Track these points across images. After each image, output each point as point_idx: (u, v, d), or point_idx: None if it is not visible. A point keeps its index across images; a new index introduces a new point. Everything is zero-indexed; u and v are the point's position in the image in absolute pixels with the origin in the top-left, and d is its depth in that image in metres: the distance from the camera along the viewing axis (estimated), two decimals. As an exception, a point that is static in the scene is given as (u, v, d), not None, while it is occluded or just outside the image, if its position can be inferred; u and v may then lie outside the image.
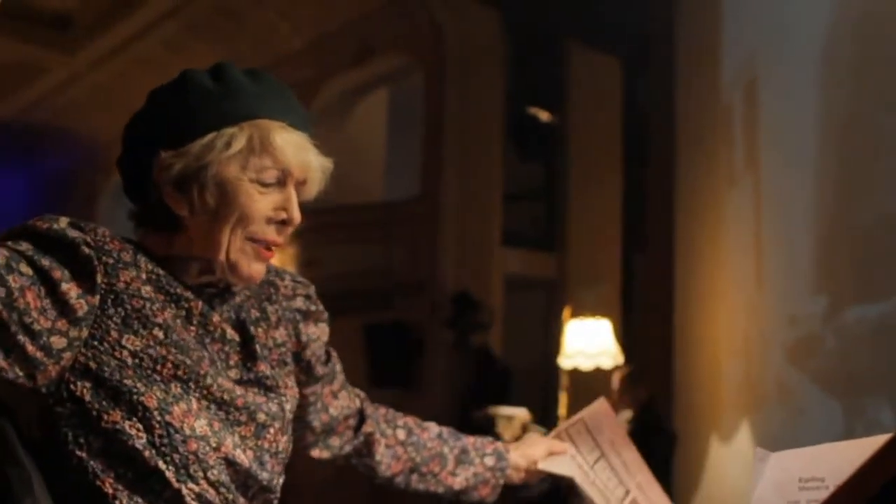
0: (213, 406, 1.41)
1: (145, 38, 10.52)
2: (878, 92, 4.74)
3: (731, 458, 6.25)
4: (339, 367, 1.79)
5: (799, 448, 1.02)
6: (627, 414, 5.99)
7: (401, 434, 1.80)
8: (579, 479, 1.77)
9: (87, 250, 1.35)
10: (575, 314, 6.98)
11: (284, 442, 1.52)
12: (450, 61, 9.67)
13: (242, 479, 1.42)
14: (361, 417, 1.81)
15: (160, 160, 1.40)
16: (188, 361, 1.40)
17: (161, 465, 1.33)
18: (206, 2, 9.81)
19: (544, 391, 8.55)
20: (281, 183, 1.43)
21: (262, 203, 1.42)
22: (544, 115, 9.84)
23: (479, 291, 9.09)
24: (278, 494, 1.51)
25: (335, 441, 1.78)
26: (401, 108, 11.00)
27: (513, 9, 9.36)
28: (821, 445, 1.00)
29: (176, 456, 1.34)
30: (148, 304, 1.40)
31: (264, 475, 1.46)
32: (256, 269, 1.46)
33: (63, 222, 1.39)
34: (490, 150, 9.67)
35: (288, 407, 1.53)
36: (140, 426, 1.33)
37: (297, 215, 1.45)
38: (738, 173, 6.36)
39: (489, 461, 1.85)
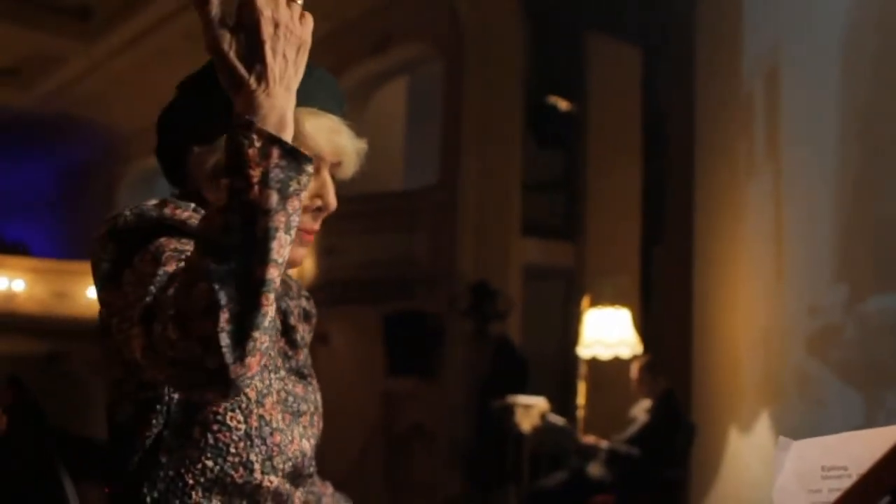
0: (288, 398, 1.41)
1: (165, 29, 10.55)
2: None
3: (750, 450, 6.24)
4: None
5: (821, 437, 1.01)
6: (646, 404, 5.99)
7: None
8: None
9: None
10: (594, 304, 6.96)
11: (319, 433, 1.52)
12: (469, 50, 9.66)
13: (300, 469, 1.42)
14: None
15: (193, 154, 1.40)
16: (271, 353, 1.39)
17: (252, 457, 1.33)
18: (226, -9, 9.81)
19: (563, 381, 8.54)
20: (315, 170, 1.38)
21: None
22: (563, 104, 9.81)
23: (497, 281, 9.09)
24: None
25: None
26: (420, 97, 11.00)
27: (532, -2, 9.34)
28: (843, 434, 0.99)
29: (264, 448, 1.34)
30: None
31: (314, 463, 1.48)
32: (298, 254, 1.44)
33: (182, 206, 1.34)
34: (509, 140, 9.66)
35: (319, 399, 1.54)
36: (241, 417, 1.33)
37: (332, 201, 1.44)
38: (759, 163, 6.33)
39: None
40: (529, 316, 9.51)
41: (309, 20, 1.20)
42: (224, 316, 1.04)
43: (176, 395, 1.30)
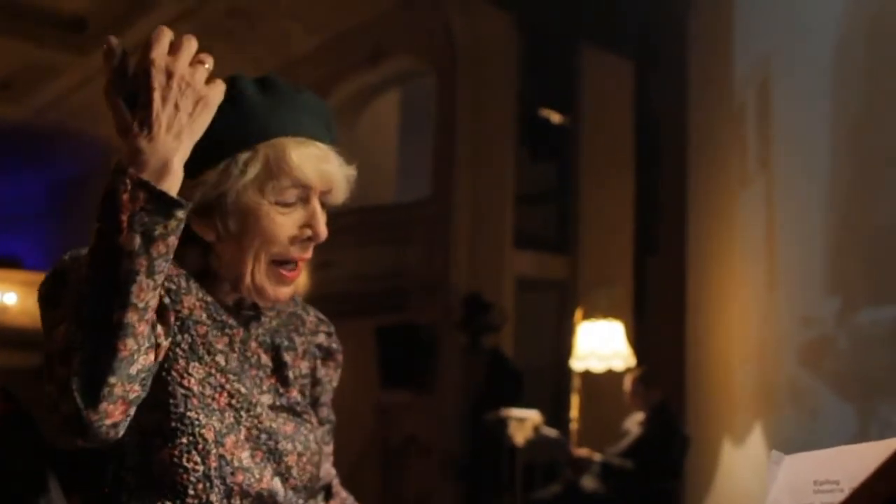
0: (261, 436, 1.40)
1: (158, 41, 10.53)
2: (891, 93, 4.73)
3: (743, 461, 6.24)
4: (331, 435, 1.73)
5: (813, 450, 1.01)
6: (639, 416, 5.98)
7: None
8: None
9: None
10: (587, 316, 6.97)
11: (313, 472, 1.50)
12: (462, 63, 9.68)
13: None
14: (329, 493, 1.75)
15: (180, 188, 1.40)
16: (243, 390, 1.39)
17: (212, 497, 1.33)
18: (219, 4, 9.83)
19: (556, 393, 8.54)
20: (304, 199, 1.41)
21: (285, 224, 1.40)
22: (556, 117, 9.83)
23: (490, 293, 9.09)
24: None
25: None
26: (413, 110, 11.01)
27: (525, 10, 9.36)
28: (836, 448, 0.99)
29: (223, 488, 1.33)
30: (209, 331, 1.39)
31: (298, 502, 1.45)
32: (282, 292, 1.44)
33: None
34: (502, 152, 9.67)
35: (312, 437, 1.51)
36: (198, 458, 1.32)
37: (322, 231, 1.43)
38: (751, 174, 6.35)
39: None
40: (523, 328, 9.50)
41: (218, 85, 1.22)
42: (76, 359, 1.06)
43: (128, 438, 1.28)
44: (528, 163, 9.94)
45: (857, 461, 0.94)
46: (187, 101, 1.17)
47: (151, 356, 1.16)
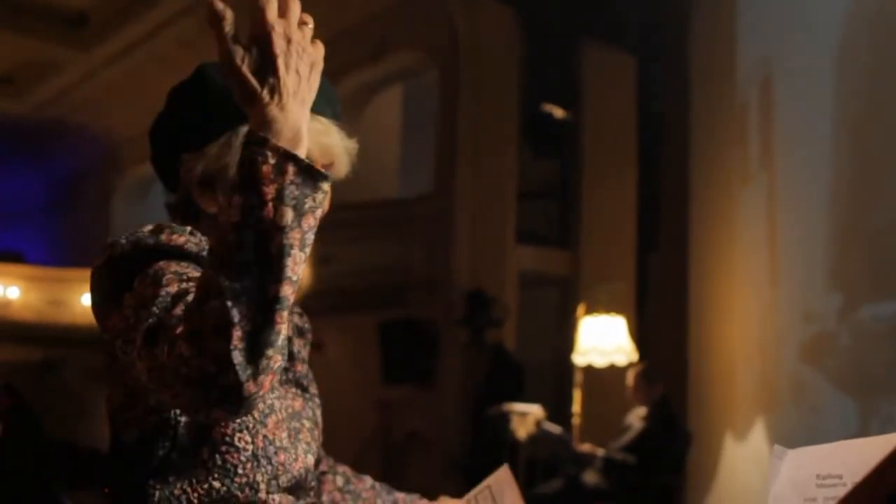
0: (290, 414, 1.41)
1: (160, 36, 10.55)
2: (893, 91, 4.72)
3: (745, 457, 6.24)
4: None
5: (816, 445, 1.01)
6: (642, 411, 5.98)
7: (339, 481, 1.77)
8: None
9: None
10: (589, 311, 6.96)
11: (319, 445, 1.53)
12: (464, 59, 9.67)
13: (302, 484, 1.42)
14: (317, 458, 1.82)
15: (183, 162, 1.40)
16: None
17: (258, 477, 1.33)
18: (220, -1, 9.82)
19: (558, 388, 8.54)
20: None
21: None
22: (558, 113, 9.82)
23: (493, 289, 9.09)
24: None
25: None
26: (415, 106, 11.02)
27: (527, 6, 9.35)
28: (839, 442, 0.99)
29: (269, 468, 1.34)
30: None
31: (315, 477, 1.48)
32: None
33: (178, 232, 1.32)
34: (504, 148, 9.66)
35: (319, 412, 1.54)
36: (248, 438, 1.33)
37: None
38: (753, 171, 6.35)
39: None
40: (525, 324, 9.51)
41: (319, 45, 1.20)
42: (237, 334, 1.04)
43: (183, 418, 1.30)
44: (531, 158, 9.94)
45: (860, 455, 0.94)
46: (305, 65, 1.15)
47: None
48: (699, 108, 7.49)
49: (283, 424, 1.38)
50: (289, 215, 1.07)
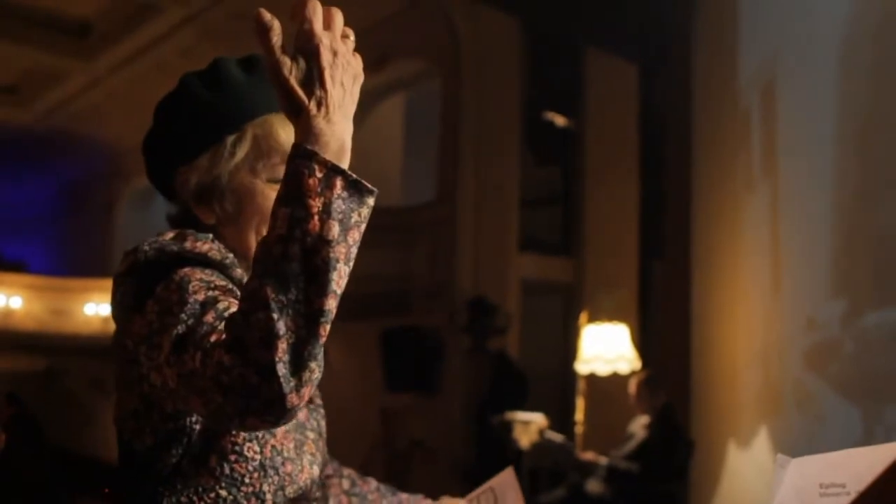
0: (294, 426, 1.41)
1: (162, 46, 10.58)
2: (897, 96, 4.72)
3: (749, 465, 6.23)
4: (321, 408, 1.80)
5: (819, 454, 1.01)
6: (644, 419, 5.98)
7: (345, 484, 1.78)
8: None
9: (239, 271, 1.33)
10: (592, 319, 6.96)
11: (325, 453, 1.53)
12: (466, 66, 9.68)
13: (307, 495, 1.42)
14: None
15: (177, 175, 1.40)
16: None
17: (265, 487, 1.33)
18: (221, 9, 9.85)
19: (561, 396, 8.54)
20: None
21: None
22: (561, 120, 9.83)
23: (495, 296, 9.09)
24: None
25: None
26: (418, 113, 11.02)
27: (529, 14, 9.37)
28: (841, 451, 0.99)
29: (276, 478, 1.34)
30: None
31: (320, 484, 1.49)
32: None
33: (201, 239, 1.34)
34: (507, 155, 9.67)
35: (323, 423, 1.54)
36: (257, 448, 1.33)
37: None
38: (756, 177, 6.34)
39: None
40: (528, 331, 9.50)
41: (359, 58, 1.21)
42: (282, 346, 1.04)
43: (198, 426, 1.30)
44: (533, 166, 9.95)
45: (864, 464, 0.94)
46: (349, 78, 1.16)
47: None
48: (701, 115, 7.49)
49: (290, 435, 1.38)
50: (335, 229, 1.08)
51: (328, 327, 1.08)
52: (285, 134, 1.37)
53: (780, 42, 6.08)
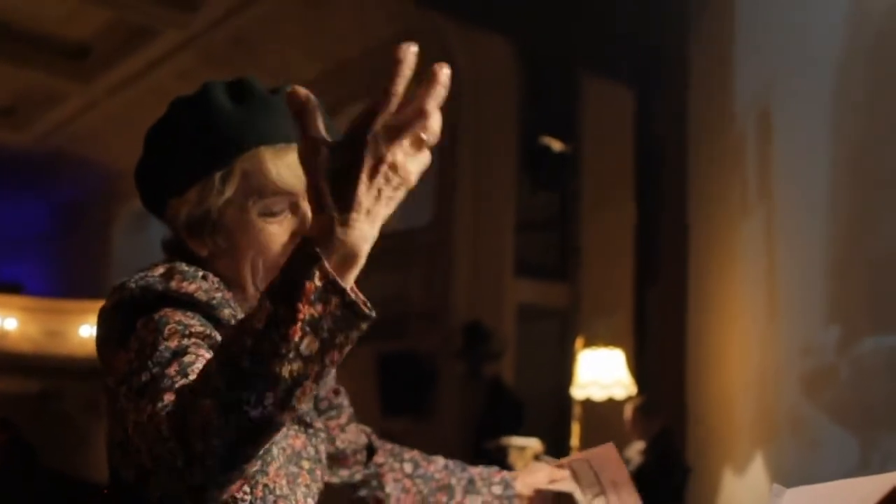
0: (289, 456, 1.38)
1: (160, 69, 10.61)
2: (891, 123, 4.74)
3: (744, 491, 6.21)
4: (346, 402, 1.75)
5: (814, 484, 1.01)
6: (640, 445, 5.96)
7: (407, 467, 1.77)
8: (577, 497, 1.77)
9: (227, 312, 1.28)
10: (587, 344, 6.95)
11: (322, 480, 1.49)
12: (463, 92, 9.71)
13: None
14: (370, 451, 1.78)
15: (168, 207, 1.37)
16: None
17: None
18: (220, 33, 9.89)
19: (557, 422, 8.50)
20: (293, 206, 1.34)
21: (275, 234, 1.34)
22: (557, 145, 9.84)
23: (491, 321, 9.08)
24: None
25: (344, 472, 1.75)
26: (414, 138, 11.04)
27: (525, 40, 9.41)
28: (837, 482, 0.99)
29: None
30: None
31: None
32: None
33: (188, 278, 1.27)
34: (503, 180, 9.69)
35: (322, 447, 1.50)
36: (246, 488, 1.27)
37: None
38: (752, 203, 6.36)
39: (496, 490, 1.79)
40: (523, 356, 9.48)
41: (421, 159, 1.07)
42: (218, 442, 0.98)
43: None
44: (529, 190, 9.95)
45: (858, 495, 0.94)
46: (390, 187, 1.02)
47: None
48: (697, 140, 7.51)
49: (282, 470, 1.33)
50: (314, 346, 0.97)
51: (275, 435, 1.01)
52: (275, 167, 1.32)
53: (775, 69, 6.10)
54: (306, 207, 1.33)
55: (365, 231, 1.00)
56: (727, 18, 6.84)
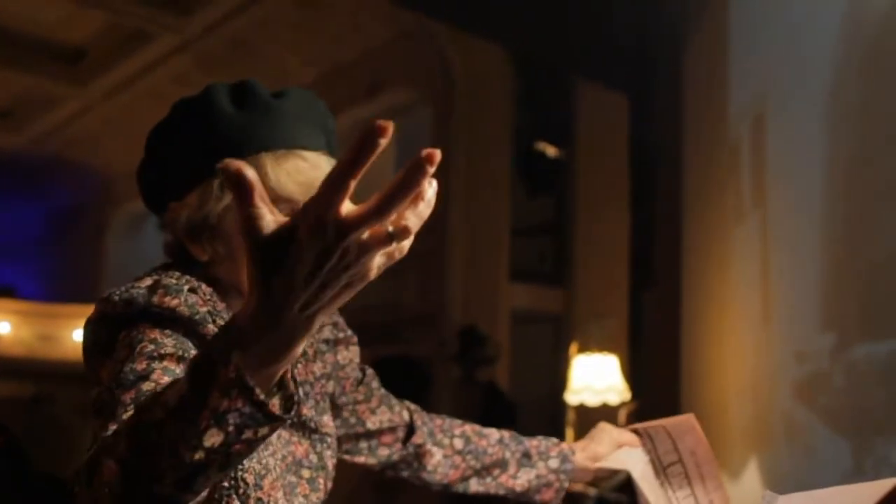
0: (288, 465, 1.37)
1: (155, 72, 10.61)
2: (885, 130, 4.75)
3: (738, 496, 6.20)
4: (375, 384, 1.75)
5: (807, 491, 1.01)
6: (634, 450, 5.96)
7: (458, 443, 1.74)
8: (636, 476, 1.71)
9: (210, 327, 1.25)
10: (582, 349, 6.96)
11: (328, 486, 1.48)
12: (458, 96, 9.72)
13: None
14: (410, 430, 1.75)
15: (168, 211, 1.35)
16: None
17: None
18: (215, 37, 9.89)
19: (551, 426, 8.50)
20: (293, 213, 1.29)
21: None
22: (552, 151, 9.86)
23: (486, 326, 9.08)
24: None
25: (383, 451, 1.75)
26: (409, 143, 11.04)
27: (520, 45, 9.42)
28: (829, 489, 0.99)
29: None
30: None
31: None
32: None
33: (172, 293, 1.24)
34: (498, 185, 9.69)
35: (329, 453, 1.48)
36: (237, 502, 1.25)
37: None
38: (746, 209, 6.36)
39: (553, 463, 1.77)
40: (518, 361, 9.49)
41: (395, 253, 0.90)
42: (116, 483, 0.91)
43: None
44: (524, 196, 9.97)
45: (851, 501, 0.94)
46: (341, 280, 0.84)
47: None
48: (692, 146, 7.52)
49: (279, 482, 1.31)
50: (217, 440, 0.88)
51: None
52: (276, 175, 1.29)
53: (770, 74, 6.11)
54: None
55: (297, 325, 0.85)
56: (722, 23, 6.85)
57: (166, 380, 1.10)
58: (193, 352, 1.18)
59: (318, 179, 1.18)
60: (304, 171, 1.31)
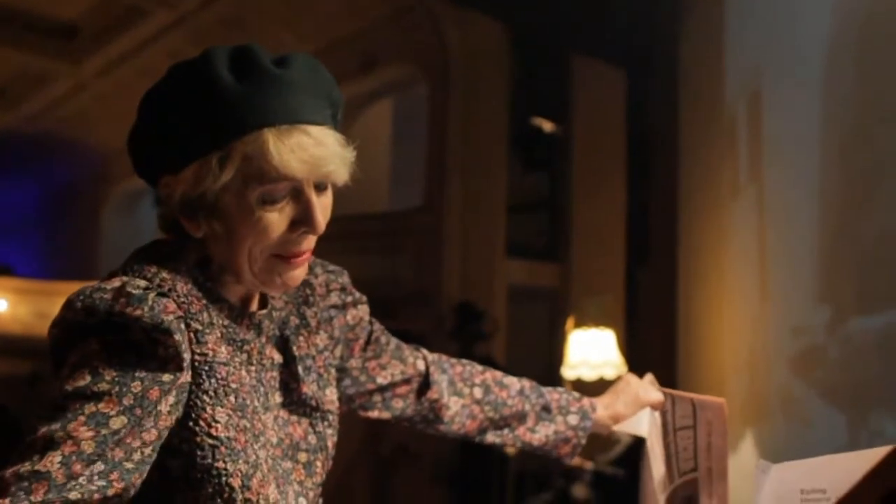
0: (278, 463, 1.34)
1: (150, 49, 10.56)
2: (880, 105, 4.75)
3: (735, 470, 6.22)
4: (384, 339, 1.71)
5: (801, 460, 1.02)
6: (631, 425, 5.98)
7: (478, 392, 1.71)
8: (649, 443, 1.69)
9: (177, 337, 1.22)
10: (578, 325, 6.97)
11: (328, 466, 1.46)
12: (454, 72, 9.69)
13: None
14: (426, 381, 1.71)
15: (161, 185, 1.30)
16: (259, 425, 1.30)
17: None
18: (210, 13, 9.84)
19: (548, 402, 8.52)
20: (295, 191, 1.28)
21: (275, 222, 1.28)
22: (548, 126, 9.84)
23: (482, 302, 9.09)
24: None
25: (397, 403, 1.70)
26: (405, 119, 11.02)
27: (517, 20, 9.38)
28: (822, 457, 1.00)
29: None
30: (230, 369, 1.29)
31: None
32: (291, 277, 1.33)
33: (134, 302, 1.21)
34: (494, 161, 9.68)
35: (329, 431, 1.47)
36: None
37: (319, 223, 1.31)
38: (742, 185, 6.37)
39: (572, 420, 1.75)
40: (514, 337, 9.50)
41: None
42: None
43: (151, 479, 1.23)
44: (520, 172, 9.95)
45: (844, 470, 0.95)
46: None
47: None
48: (688, 121, 7.51)
49: (270, 475, 1.29)
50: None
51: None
52: (278, 152, 1.24)
53: (766, 51, 6.10)
54: (310, 194, 1.28)
55: None
56: (718, 0, 6.83)
57: (88, 435, 1.14)
58: (133, 384, 1.17)
59: (321, 157, 1.25)
60: (308, 147, 1.26)
